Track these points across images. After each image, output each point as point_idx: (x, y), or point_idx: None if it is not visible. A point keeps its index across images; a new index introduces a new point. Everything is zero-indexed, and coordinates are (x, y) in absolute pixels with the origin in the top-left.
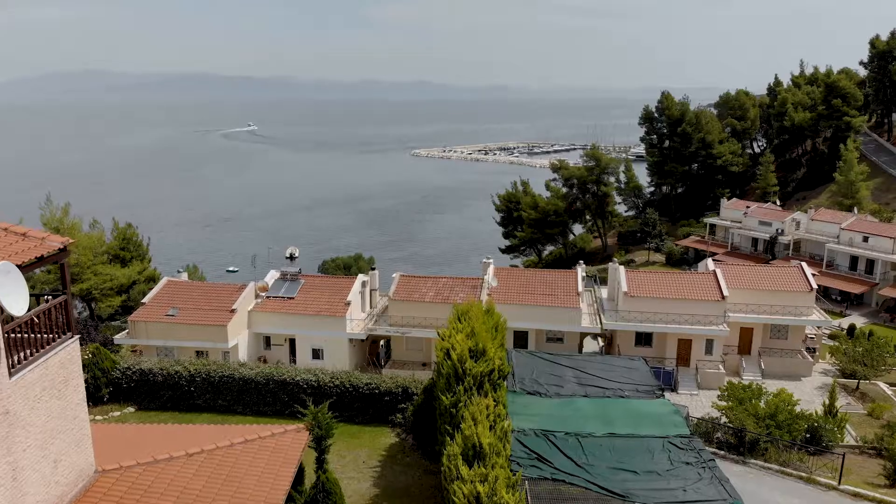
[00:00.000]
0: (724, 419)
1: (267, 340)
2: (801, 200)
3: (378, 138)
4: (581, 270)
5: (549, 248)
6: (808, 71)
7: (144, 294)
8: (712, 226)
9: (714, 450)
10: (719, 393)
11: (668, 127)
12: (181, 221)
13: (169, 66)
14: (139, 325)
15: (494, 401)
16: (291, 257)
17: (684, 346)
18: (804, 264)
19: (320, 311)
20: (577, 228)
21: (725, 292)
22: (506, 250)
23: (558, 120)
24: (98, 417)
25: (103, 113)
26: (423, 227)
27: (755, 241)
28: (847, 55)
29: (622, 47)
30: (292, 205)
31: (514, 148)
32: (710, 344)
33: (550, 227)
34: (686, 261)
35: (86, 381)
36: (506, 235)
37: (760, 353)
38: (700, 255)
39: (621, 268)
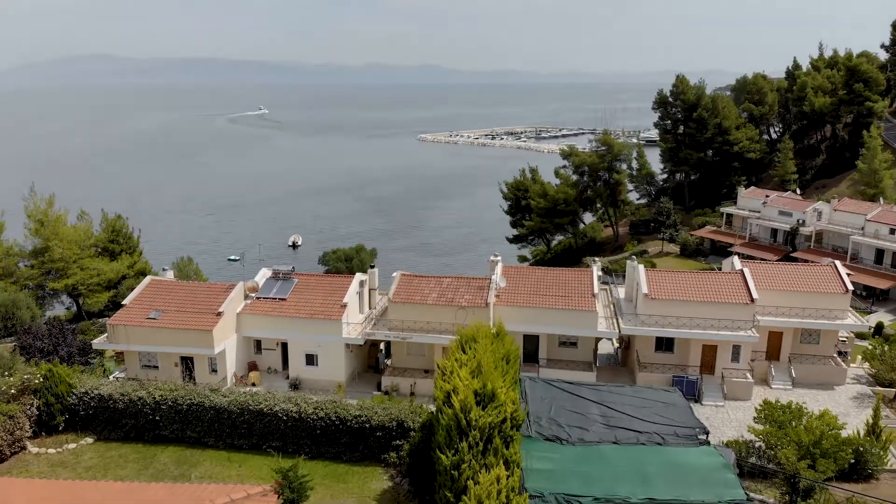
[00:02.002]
0: (758, 442)
1: (258, 344)
2: (821, 189)
3: (384, 123)
4: (596, 269)
5: (559, 238)
6: (828, 54)
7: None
8: (729, 215)
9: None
10: (755, 414)
11: (684, 112)
12: (182, 209)
13: (174, 50)
14: (119, 329)
15: (507, 466)
16: (294, 245)
17: (709, 352)
18: (838, 263)
19: (314, 313)
20: (587, 217)
21: (755, 294)
22: (513, 240)
23: (566, 104)
24: (51, 450)
25: (107, 98)
26: (429, 214)
27: (774, 231)
28: (865, 38)
29: (629, 32)
30: (297, 191)
31: (522, 132)
32: (737, 350)
33: (560, 216)
34: (701, 252)
35: (38, 408)
36: (514, 224)
37: (791, 359)
38: (716, 247)
39: (640, 267)
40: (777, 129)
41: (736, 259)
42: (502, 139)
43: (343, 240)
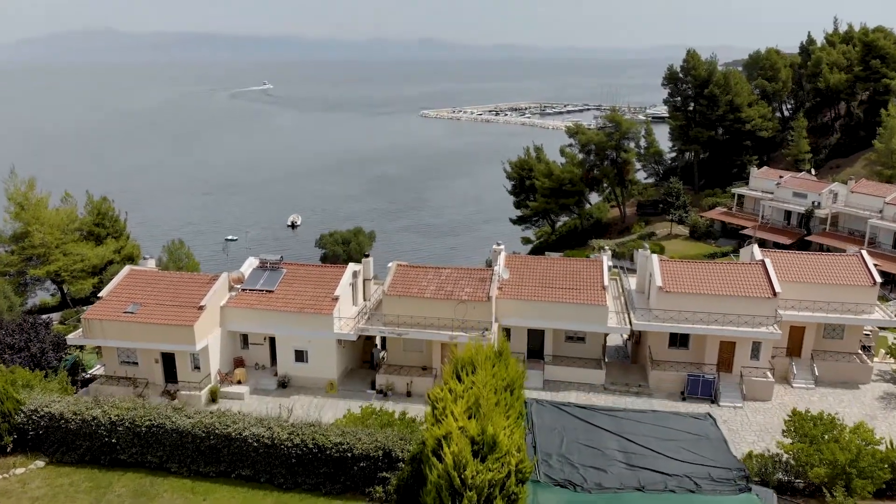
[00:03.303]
0: (785, 456)
1: (244, 339)
2: (835, 169)
3: (386, 99)
4: (606, 259)
5: (563, 219)
6: (843, 28)
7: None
8: (740, 196)
9: None
10: (777, 418)
11: (694, 88)
12: (180, 189)
13: (176, 25)
14: (94, 324)
15: None
16: (293, 226)
17: (727, 349)
18: (864, 252)
19: (304, 307)
20: (593, 197)
21: (777, 288)
22: (517, 221)
23: (570, 79)
24: None
25: (106, 74)
26: (431, 194)
27: (788, 214)
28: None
29: (633, 4)
30: (297, 170)
31: (526, 108)
32: (757, 347)
33: (565, 196)
34: (711, 234)
35: None
36: (517, 205)
37: (813, 356)
38: (727, 229)
39: (654, 257)
40: (789, 106)
41: (756, 248)
42: (506, 115)
43: (343, 220)
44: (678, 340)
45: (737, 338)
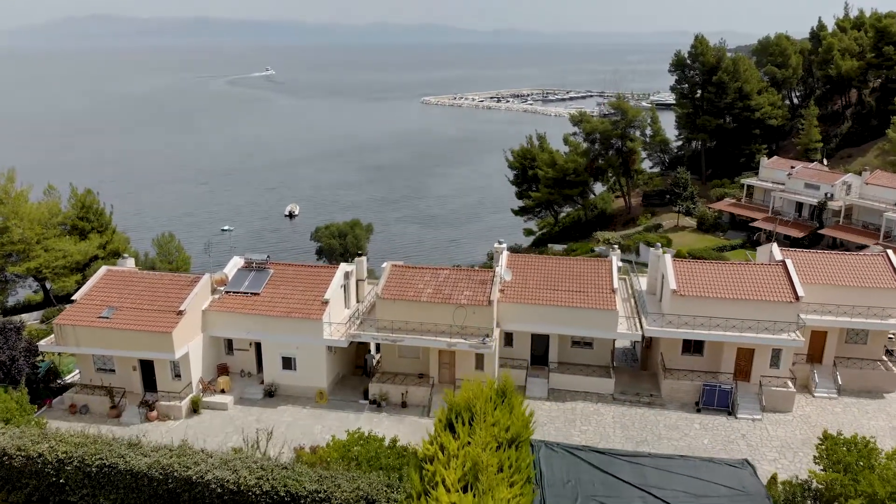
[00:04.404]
0: (814, 483)
1: (229, 344)
2: (846, 159)
3: (386, 85)
4: (616, 259)
5: (567, 210)
6: (853, 14)
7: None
8: (750, 187)
9: None
10: (814, 454)
11: (702, 75)
12: (176, 178)
13: (177, 10)
14: (66, 330)
15: None
16: (291, 215)
17: (744, 356)
18: (891, 253)
19: (291, 311)
20: (597, 187)
21: (800, 291)
22: (519, 211)
23: (572, 65)
24: None
25: (106, 60)
26: (432, 182)
27: (800, 206)
28: None
29: None
30: (295, 158)
31: (528, 95)
32: (777, 354)
33: (569, 186)
34: (720, 226)
35: None
36: (519, 195)
37: (835, 362)
38: (736, 221)
39: (667, 257)
40: (798, 94)
41: (775, 247)
42: (508, 102)
43: (342, 210)
44: (692, 347)
45: (756, 345)
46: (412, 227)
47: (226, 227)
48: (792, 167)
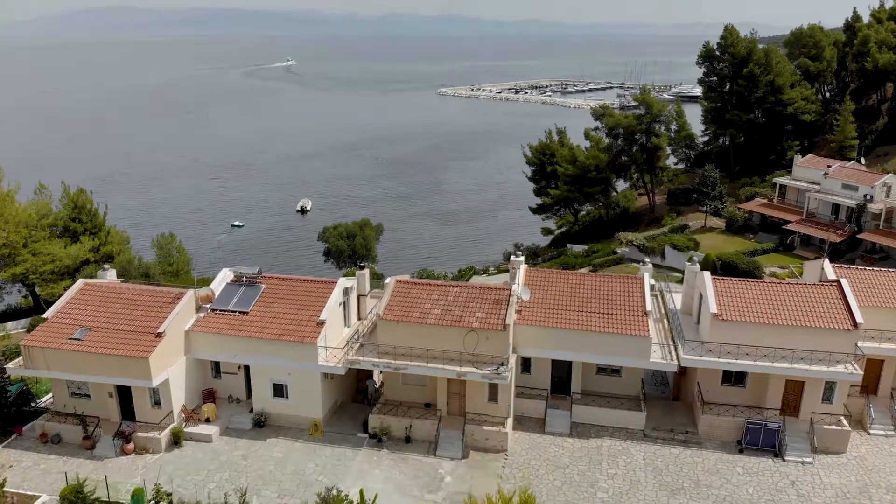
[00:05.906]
0: None
1: (216, 366)
2: (883, 157)
3: (403, 76)
4: (648, 275)
5: (587, 208)
6: (889, 4)
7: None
8: (782, 187)
9: None
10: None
11: (732, 67)
12: (187, 172)
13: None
14: (35, 353)
15: None
16: (303, 211)
17: (793, 389)
18: None
19: (283, 333)
20: (620, 184)
21: (859, 318)
22: (537, 209)
23: (591, 57)
24: None
25: (123, 51)
26: (448, 177)
27: (836, 207)
28: None
29: None
30: (309, 151)
31: (547, 86)
32: (830, 388)
33: (590, 184)
34: (750, 228)
35: None
36: (537, 193)
37: (893, 394)
38: (767, 222)
39: (706, 275)
40: (829, 88)
41: (826, 262)
42: (526, 93)
43: (355, 206)
44: (734, 377)
45: (807, 377)
46: (427, 224)
47: (236, 223)
48: (828, 166)
